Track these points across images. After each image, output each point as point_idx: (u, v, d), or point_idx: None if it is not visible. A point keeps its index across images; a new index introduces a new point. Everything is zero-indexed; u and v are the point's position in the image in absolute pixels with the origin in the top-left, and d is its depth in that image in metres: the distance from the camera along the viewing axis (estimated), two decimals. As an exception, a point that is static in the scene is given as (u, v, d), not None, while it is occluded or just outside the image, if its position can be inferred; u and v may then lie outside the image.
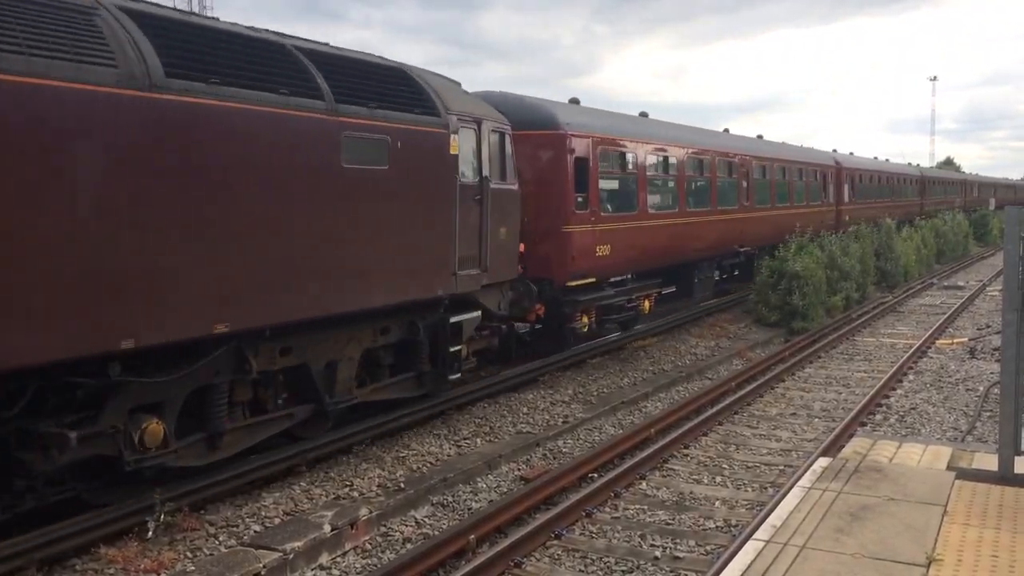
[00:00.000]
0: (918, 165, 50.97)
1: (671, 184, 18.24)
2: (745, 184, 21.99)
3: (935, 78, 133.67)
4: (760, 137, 26.83)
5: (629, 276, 16.89)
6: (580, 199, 14.40)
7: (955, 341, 18.92)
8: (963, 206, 55.80)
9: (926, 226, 37.32)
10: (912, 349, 17.56)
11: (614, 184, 16.31)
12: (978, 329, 20.51)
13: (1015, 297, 6.94)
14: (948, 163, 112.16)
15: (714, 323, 20.03)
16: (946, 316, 22.34)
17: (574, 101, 16.19)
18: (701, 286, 20.36)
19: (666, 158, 17.83)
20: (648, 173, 17.01)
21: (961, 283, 30.85)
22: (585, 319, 15.02)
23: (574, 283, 14.35)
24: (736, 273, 24.54)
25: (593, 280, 14.83)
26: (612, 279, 16.16)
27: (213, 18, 9.31)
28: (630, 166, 16.45)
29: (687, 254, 18.93)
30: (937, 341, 19.06)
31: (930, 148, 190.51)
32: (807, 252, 20.90)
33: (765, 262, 21.23)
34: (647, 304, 17.27)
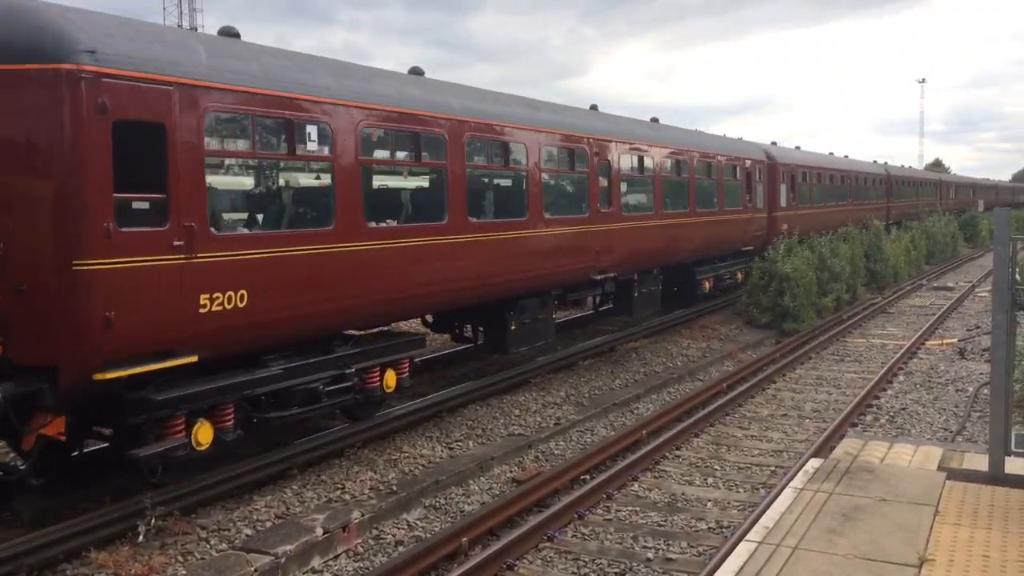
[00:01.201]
0: (885, 163, 43.28)
1: (429, 180, 12.20)
2: (604, 182, 15.28)
3: (924, 80, 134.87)
4: (655, 120, 20.02)
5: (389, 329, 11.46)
6: (145, 206, 7.72)
7: (945, 342, 19.00)
8: (939, 210, 49.33)
9: (915, 227, 37.42)
10: (902, 350, 17.61)
11: (269, 179, 10.28)
12: (967, 330, 20.60)
13: (1005, 298, 6.98)
14: (936, 164, 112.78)
15: (705, 325, 20.04)
16: (936, 317, 22.42)
17: (226, 33, 9.42)
18: (525, 334, 13.57)
19: (417, 136, 11.01)
20: (378, 157, 10.96)
21: (950, 284, 30.98)
22: (204, 430, 8.12)
23: (125, 372, 7.39)
24: (601, 309, 19.35)
25: (193, 359, 7.90)
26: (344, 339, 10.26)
27: None
28: (327, 146, 9.56)
29: (487, 289, 12.23)
30: (927, 342, 19.14)
31: (919, 149, 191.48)
32: (796, 254, 20.95)
33: (756, 264, 21.20)
34: (391, 378, 10.62)
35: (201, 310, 8.02)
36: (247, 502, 8.53)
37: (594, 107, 17.28)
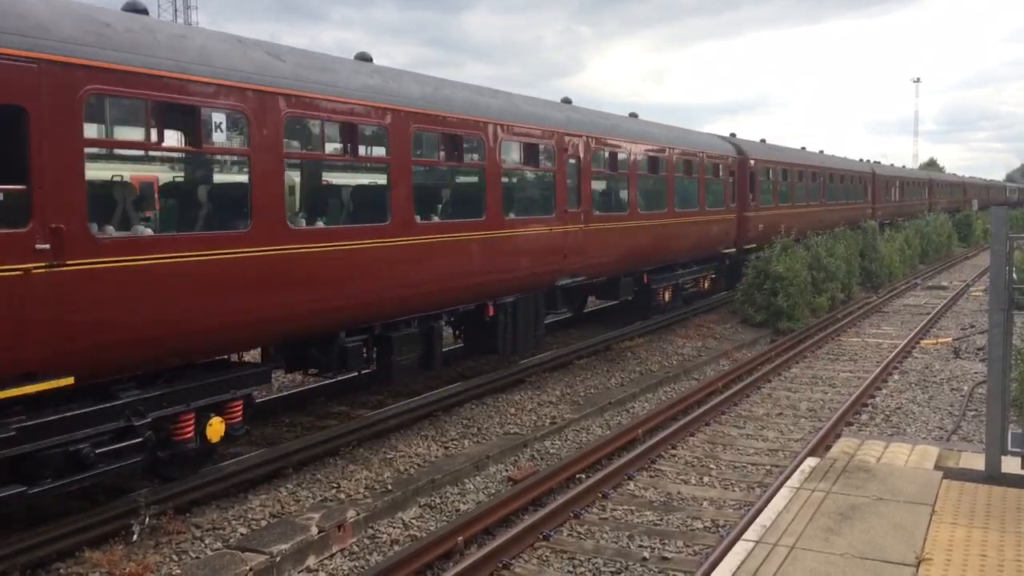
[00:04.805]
0: (764, 141, 27.32)
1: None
2: None
3: (918, 80, 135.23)
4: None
5: None
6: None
7: (939, 341, 19.02)
8: (873, 216, 34.07)
9: (910, 227, 37.41)
10: (897, 349, 17.63)
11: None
12: (962, 329, 20.64)
13: (1002, 297, 6.96)
14: (931, 164, 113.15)
15: (700, 324, 20.05)
16: (930, 316, 22.45)
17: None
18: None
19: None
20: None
21: (945, 283, 31.04)
22: None
23: None
24: None
25: None
26: None
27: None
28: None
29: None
30: (922, 341, 19.16)
31: (914, 149, 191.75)
32: (790, 253, 20.93)
33: (752, 263, 21.15)
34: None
35: None
36: (242, 501, 8.49)
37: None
